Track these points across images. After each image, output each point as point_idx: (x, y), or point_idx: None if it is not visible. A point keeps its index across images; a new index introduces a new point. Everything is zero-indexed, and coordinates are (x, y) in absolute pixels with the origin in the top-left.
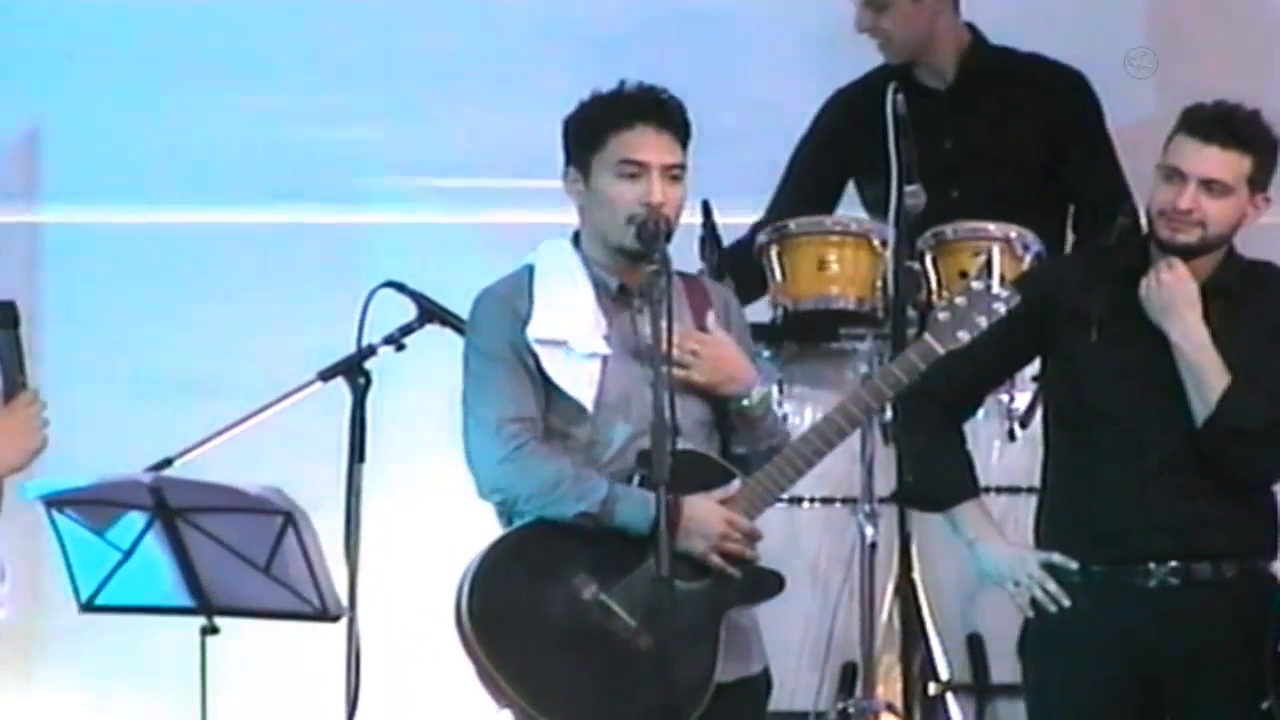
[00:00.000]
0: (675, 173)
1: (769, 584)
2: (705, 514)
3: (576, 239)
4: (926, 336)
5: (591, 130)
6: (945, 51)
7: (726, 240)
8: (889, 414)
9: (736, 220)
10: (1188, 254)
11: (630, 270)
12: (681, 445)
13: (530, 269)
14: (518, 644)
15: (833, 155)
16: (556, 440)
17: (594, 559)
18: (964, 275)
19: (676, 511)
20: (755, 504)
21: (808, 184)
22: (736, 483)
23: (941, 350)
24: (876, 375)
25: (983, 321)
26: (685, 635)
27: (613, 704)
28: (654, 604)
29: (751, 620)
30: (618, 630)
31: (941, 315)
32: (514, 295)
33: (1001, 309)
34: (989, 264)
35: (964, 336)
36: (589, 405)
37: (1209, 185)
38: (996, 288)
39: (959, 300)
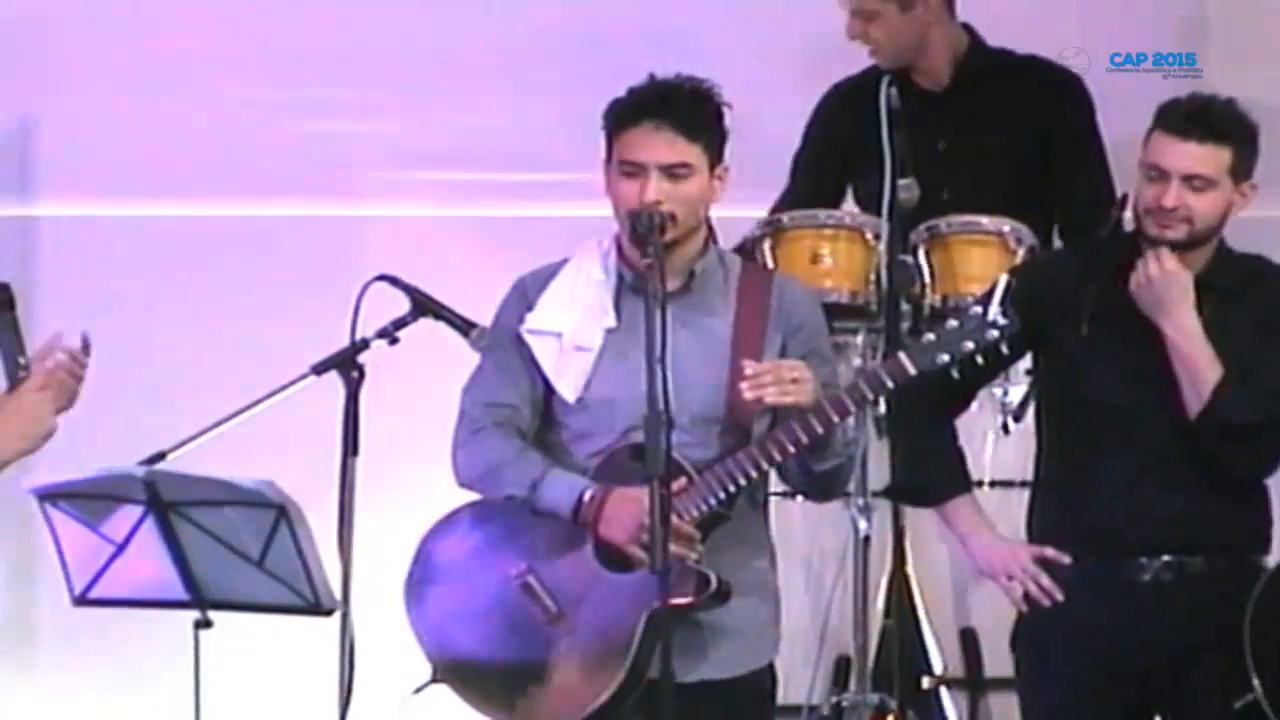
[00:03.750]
0: (678, 170)
1: (699, 584)
2: (628, 505)
3: None
4: (901, 355)
5: (609, 128)
6: (939, 57)
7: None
8: (883, 408)
9: (730, 213)
10: (1178, 249)
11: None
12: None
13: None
14: (438, 610)
15: (834, 150)
16: (552, 429)
17: (536, 540)
18: (973, 299)
19: (602, 501)
20: (696, 503)
21: (811, 181)
22: (682, 479)
23: (913, 371)
24: (842, 390)
25: (969, 346)
26: (604, 626)
27: (512, 683)
28: (581, 591)
29: (723, 623)
30: (535, 612)
31: (926, 336)
32: (533, 284)
33: (994, 335)
34: (991, 291)
35: (944, 359)
36: (570, 396)
37: (1191, 181)
38: (994, 314)
39: (950, 323)
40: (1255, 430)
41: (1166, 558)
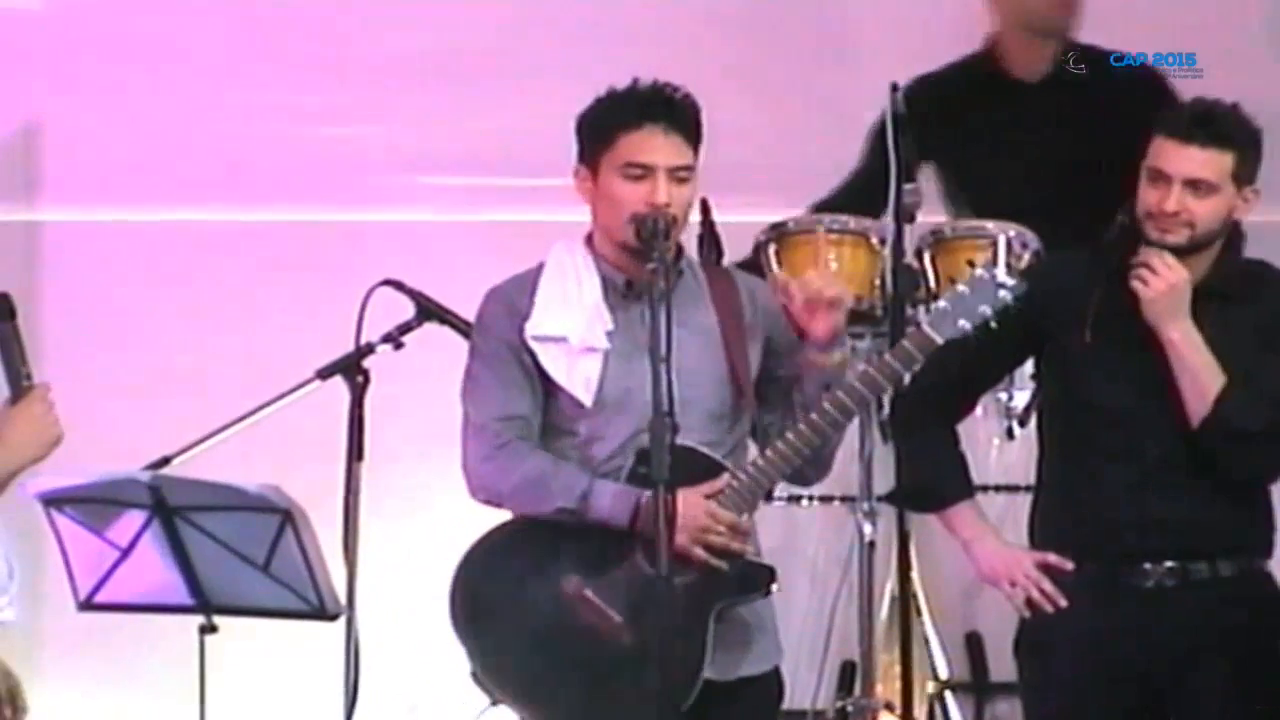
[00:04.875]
0: (682, 174)
1: (759, 578)
2: (687, 507)
3: (590, 237)
4: (924, 325)
5: (601, 129)
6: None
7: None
8: (887, 412)
9: (734, 218)
10: (1179, 253)
11: (637, 267)
12: (681, 440)
13: (541, 266)
14: (498, 637)
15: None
16: (557, 436)
17: (581, 553)
18: (971, 265)
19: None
20: (745, 498)
21: (877, 161)
22: (725, 477)
23: (939, 339)
24: (873, 365)
25: (986, 310)
26: (671, 631)
27: (590, 700)
28: (637, 599)
29: (758, 618)
30: (596, 625)
31: (942, 303)
32: (517, 293)
33: (1007, 297)
34: (995, 254)
35: (965, 325)
36: (586, 401)
37: (1193, 185)
38: (1002, 276)
39: (961, 288)
40: (1259, 437)
41: (1169, 563)
